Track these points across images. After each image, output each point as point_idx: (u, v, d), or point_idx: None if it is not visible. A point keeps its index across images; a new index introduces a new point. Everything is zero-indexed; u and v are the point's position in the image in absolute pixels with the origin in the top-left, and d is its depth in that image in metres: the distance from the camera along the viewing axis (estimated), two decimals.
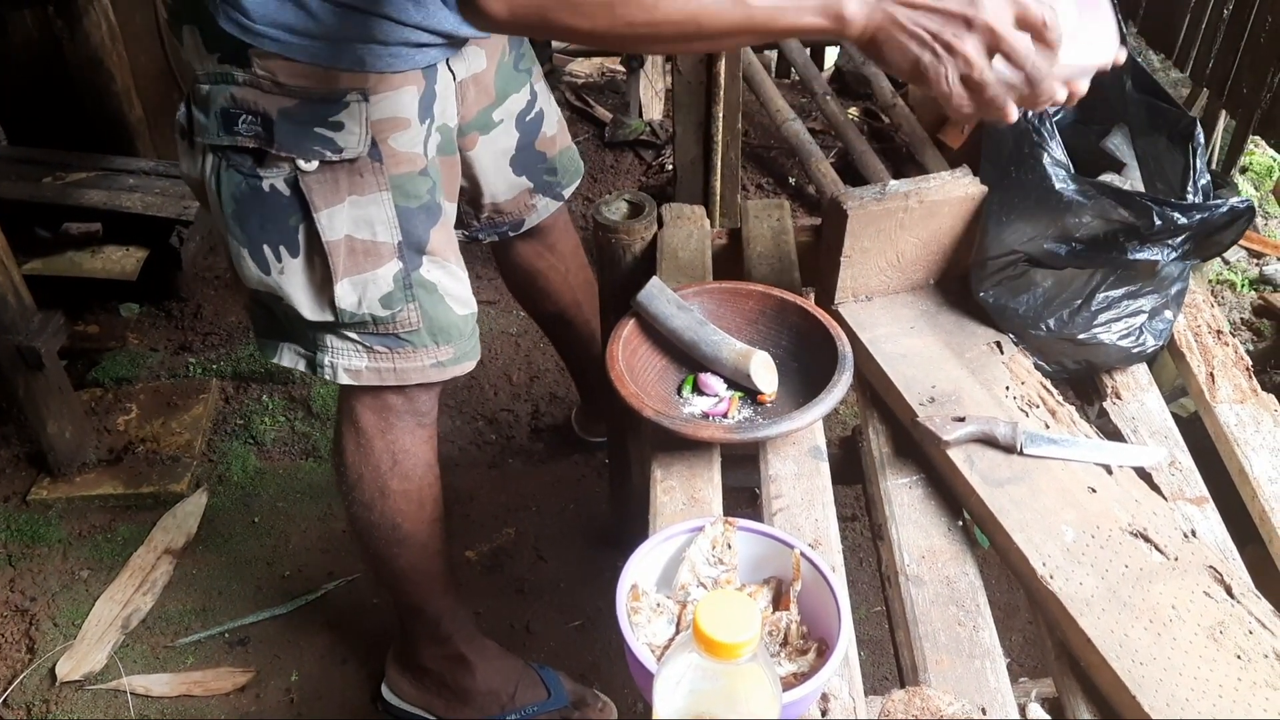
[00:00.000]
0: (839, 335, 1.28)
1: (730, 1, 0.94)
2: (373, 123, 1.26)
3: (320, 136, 1.24)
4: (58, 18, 2.55)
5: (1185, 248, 1.23)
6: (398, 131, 1.29)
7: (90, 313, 2.73)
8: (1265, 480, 1.21)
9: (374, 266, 1.33)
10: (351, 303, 1.34)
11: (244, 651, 2.00)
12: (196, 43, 1.25)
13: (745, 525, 1.04)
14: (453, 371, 1.48)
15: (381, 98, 1.26)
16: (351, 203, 1.29)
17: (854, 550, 2.14)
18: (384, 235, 1.32)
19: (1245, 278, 2.90)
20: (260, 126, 1.24)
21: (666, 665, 0.76)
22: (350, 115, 1.24)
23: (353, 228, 1.31)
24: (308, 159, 1.25)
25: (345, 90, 1.23)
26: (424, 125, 1.32)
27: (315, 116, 1.24)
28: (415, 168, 1.33)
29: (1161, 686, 0.94)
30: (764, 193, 3.18)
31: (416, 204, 1.34)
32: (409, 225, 1.34)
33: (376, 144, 1.27)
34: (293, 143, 1.24)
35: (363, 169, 1.28)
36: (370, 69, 1.23)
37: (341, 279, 1.32)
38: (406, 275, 1.36)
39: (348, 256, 1.32)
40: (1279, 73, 2.29)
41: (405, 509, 1.56)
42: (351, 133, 1.25)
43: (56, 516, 2.25)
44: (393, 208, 1.31)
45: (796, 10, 0.95)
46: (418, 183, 1.34)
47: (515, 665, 1.82)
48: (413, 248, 1.36)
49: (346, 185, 1.28)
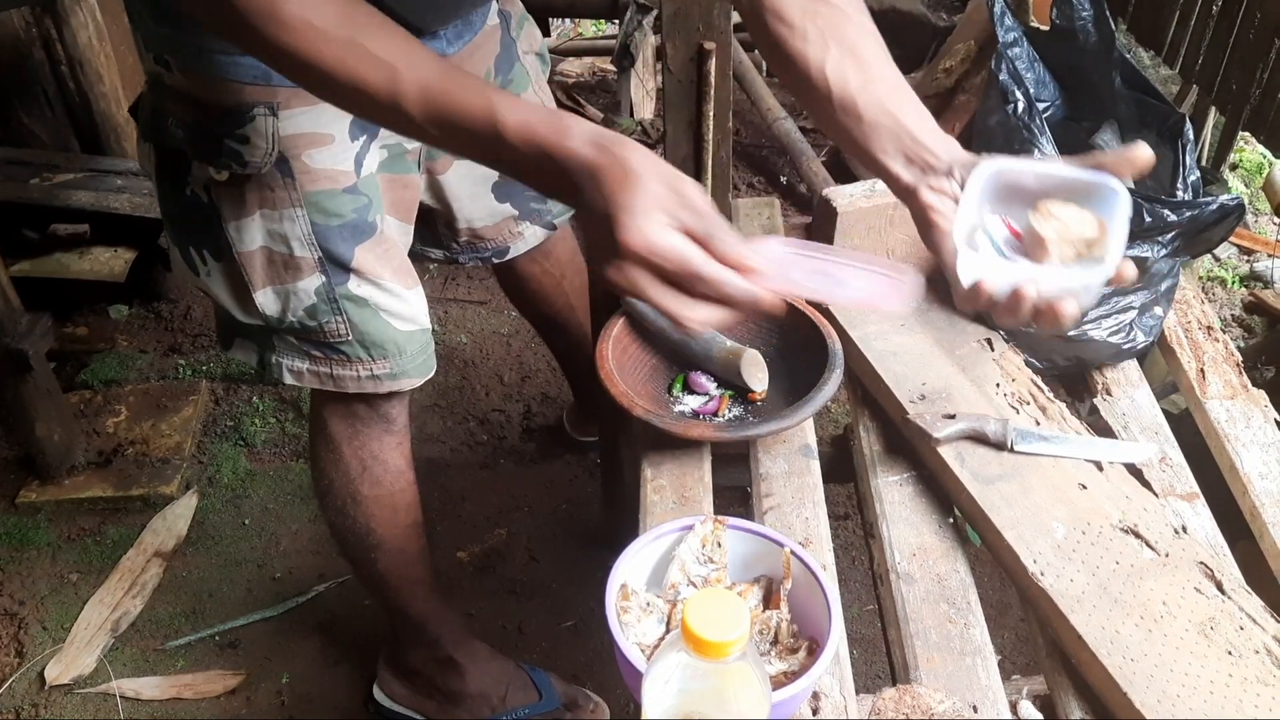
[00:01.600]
0: (829, 333, 1.28)
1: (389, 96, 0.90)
2: (284, 138, 1.20)
3: (229, 149, 1.20)
4: (45, 17, 2.53)
5: (1175, 245, 1.23)
6: (316, 148, 1.24)
7: (79, 314, 2.72)
8: (1256, 476, 1.21)
9: (294, 279, 1.29)
10: (275, 310, 1.31)
11: (234, 654, 1.99)
12: (139, 42, 1.23)
13: (735, 524, 1.03)
14: (391, 386, 1.42)
15: (296, 112, 1.21)
16: (263, 215, 1.26)
17: (846, 548, 2.13)
18: (301, 250, 1.28)
19: (1235, 274, 2.91)
20: (182, 131, 1.22)
21: (655, 665, 0.76)
22: (255, 130, 1.19)
23: (268, 240, 1.27)
24: (218, 169, 1.22)
25: (251, 104, 1.18)
26: (356, 142, 1.27)
27: (224, 128, 1.19)
28: (337, 185, 1.27)
29: (1153, 683, 0.94)
30: (755, 191, 3.18)
31: (338, 222, 1.28)
32: (328, 243, 1.28)
33: (287, 159, 1.22)
34: (205, 152, 1.21)
35: (272, 184, 1.23)
36: (278, 83, 1.18)
37: (263, 288, 1.30)
38: (330, 289, 1.31)
39: (266, 267, 1.28)
40: (1268, 69, 2.29)
41: (378, 514, 1.55)
42: (256, 147, 1.20)
43: (45, 519, 2.23)
44: (308, 224, 1.26)
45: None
46: (340, 200, 1.28)
47: (506, 667, 1.81)
48: (335, 264, 1.30)
49: (256, 199, 1.24)
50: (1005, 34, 1.39)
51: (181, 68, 1.18)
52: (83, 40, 2.58)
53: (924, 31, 3.34)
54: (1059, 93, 1.44)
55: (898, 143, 1.04)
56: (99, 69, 2.64)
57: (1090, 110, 1.41)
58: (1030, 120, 1.25)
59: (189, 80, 1.19)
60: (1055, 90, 1.44)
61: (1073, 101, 1.44)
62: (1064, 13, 1.39)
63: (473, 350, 2.65)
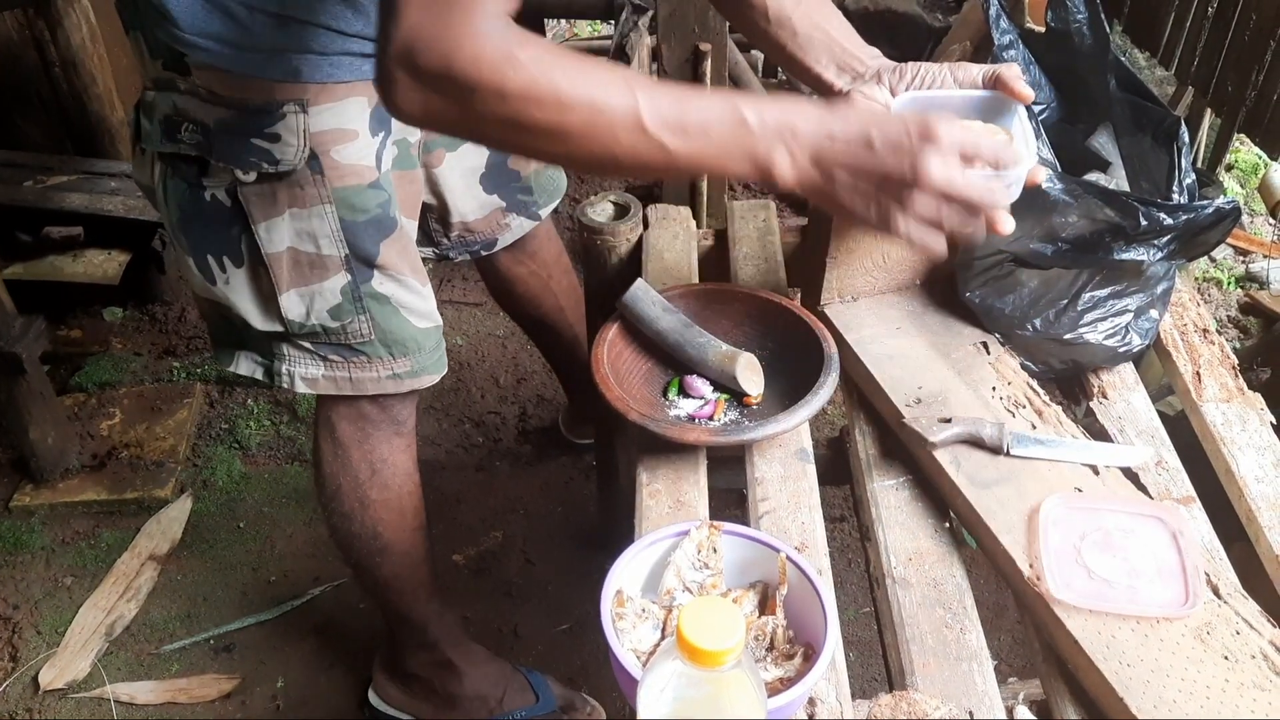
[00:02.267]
0: (825, 336, 1.27)
1: (649, 145, 0.92)
2: (313, 134, 1.22)
3: (257, 148, 1.21)
4: (38, 19, 2.53)
5: (1171, 248, 1.23)
6: (343, 144, 1.25)
7: (73, 317, 2.71)
8: (1252, 479, 1.21)
9: (320, 279, 1.30)
10: (299, 314, 1.32)
11: (229, 658, 1.99)
12: (141, 49, 1.23)
13: (731, 529, 1.03)
14: (411, 384, 1.44)
15: (324, 109, 1.22)
16: (292, 215, 1.26)
17: (843, 551, 2.13)
18: (329, 248, 1.29)
19: (1231, 275, 2.91)
20: (201, 136, 1.21)
21: (651, 673, 0.76)
22: (287, 127, 1.20)
23: (295, 240, 1.28)
24: (245, 170, 1.22)
25: (281, 102, 1.19)
26: (376, 137, 1.29)
27: (251, 128, 1.20)
28: (363, 180, 1.29)
29: (1149, 688, 0.94)
30: (751, 192, 3.17)
31: (364, 217, 1.30)
32: (355, 239, 1.30)
33: (317, 156, 1.23)
34: (230, 154, 1.21)
35: (302, 181, 1.24)
36: (309, 79, 1.20)
37: (287, 290, 1.30)
38: (355, 288, 1.32)
39: (292, 268, 1.29)
40: (1263, 71, 2.29)
41: (386, 518, 1.55)
42: (289, 145, 1.21)
43: (39, 523, 2.23)
44: (336, 221, 1.28)
45: (720, 158, 0.95)
46: (366, 196, 1.29)
47: (503, 670, 1.81)
48: (361, 261, 1.32)
49: (286, 198, 1.25)
50: (1000, 36, 1.38)
51: (203, 69, 1.18)
52: (76, 42, 2.57)
53: (920, 32, 3.34)
54: (1054, 95, 1.44)
55: (829, 53, 1.19)
56: (93, 71, 2.63)
57: (1086, 112, 1.41)
58: None
59: (212, 81, 1.19)
60: (1051, 92, 1.44)
61: (1068, 104, 1.44)
62: (1059, 15, 1.38)
63: (468, 352, 2.64)
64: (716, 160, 0.96)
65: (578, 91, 0.90)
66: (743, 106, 0.94)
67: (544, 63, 0.89)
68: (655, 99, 0.92)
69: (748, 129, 0.94)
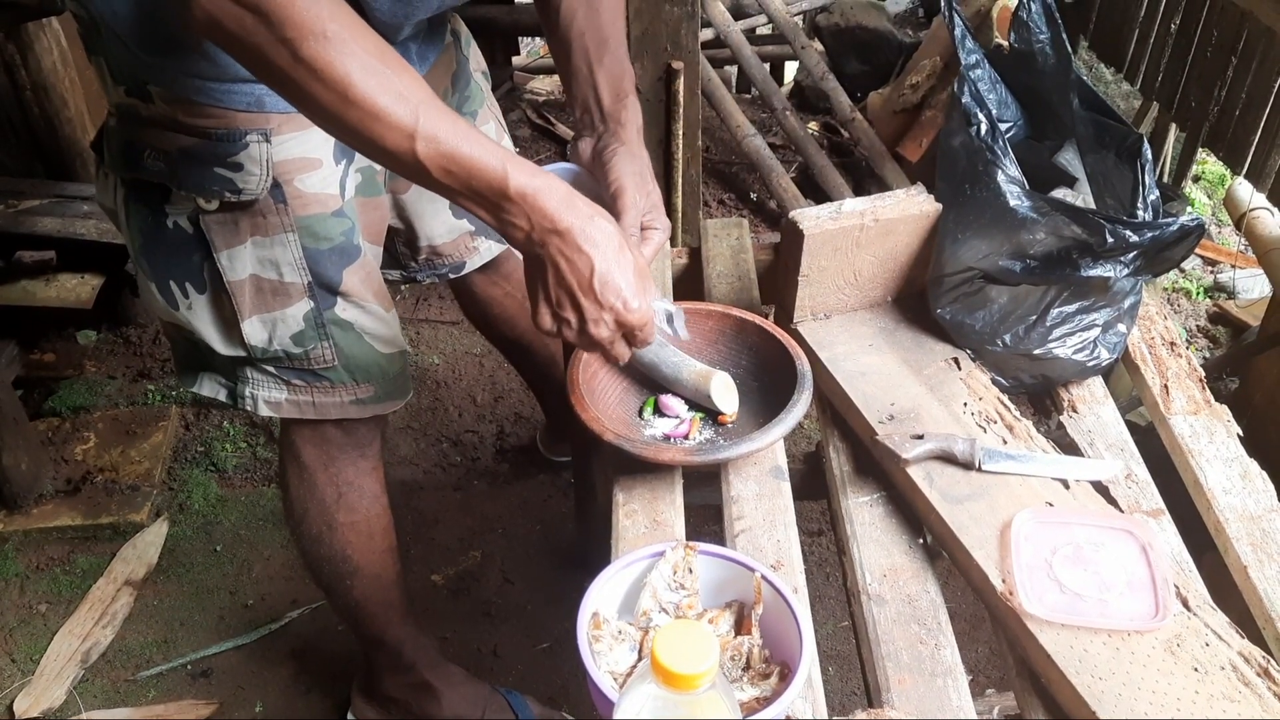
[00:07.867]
0: (798, 354, 1.28)
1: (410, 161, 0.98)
2: (276, 164, 1.22)
3: (219, 177, 1.20)
4: (8, 43, 2.51)
5: (1137, 264, 1.25)
6: (306, 173, 1.25)
7: (46, 340, 2.69)
8: (1219, 491, 1.23)
9: (283, 306, 1.30)
10: (261, 339, 1.32)
11: (207, 683, 1.98)
12: (105, 75, 1.22)
13: (706, 549, 1.04)
14: (374, 410, 1.44)
15: (287, 138, 1.22)
16: (254, 243, 1.26)
17: (821, 565, 2.14)
18: (291, 276, 1.29)
19: (1200, 285, 2.95)
20: (163, 163, 1.21)
21: (626, 696, 0.76)
22: (250, 156, 1.20)
23: (258, 267, 1.27)
24: (208, 199, 1.22)
25: (245, 131, 1.19)
26: (339, 165, 1.29)
27: (214, 156, 1.19)
28: (326, 209, 1.28)
29: (1120, 701, 0.95)
30: (725, 209, 3.19)
31: (328, 245, 1.30)
32: (318, 266, 1.30)
33: (280, 185, 1.23)
34: (193, 182, 1.21)
35: (265, 210, 1.24)
36: (272, 109, 1.19)
37: (250, 317, 1.30)
38: (318, 314, 1.32)
39: (255, 295, 1.29)
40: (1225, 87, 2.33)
41: (354, 541, 1.55)
42: (251, 174, 1.21)
43: (13, 550, 2.21)
44: (299, 249, 1.28)
45: (469, 200, 1.02)
46: (329, 224, 1.29)
47: (482, 691, 1.80)
48: (324, 288, 1.32)
49: (248, 226, 1.25)
50: (967, 56, 1.40)
51: (166, 97, 1.18)
52: (47, 66, 2.56)
53: (890, 48, 3.38)
54: (1020, 113, 1.46)
55: (583, 91, 1.26)
56: (64, 95, 2.62)
57: (1052, 130, 1.43)
58: (993, 141, 1.27)
59: (175, 109, 1.18)
60: (1017, 110, 1.46)
61: (1034, 121, 1.46)
62: (1021, 36, 1.40)
63: (445, 371, 2.64)
64: (464, 201, 1.02)
65: (365, 89, 0.94)
66: (511, 171, 0.99)
67: (345, 48, 0.93)
68: (435, 125, 0.97)
69: (506, 193, 1.00)
